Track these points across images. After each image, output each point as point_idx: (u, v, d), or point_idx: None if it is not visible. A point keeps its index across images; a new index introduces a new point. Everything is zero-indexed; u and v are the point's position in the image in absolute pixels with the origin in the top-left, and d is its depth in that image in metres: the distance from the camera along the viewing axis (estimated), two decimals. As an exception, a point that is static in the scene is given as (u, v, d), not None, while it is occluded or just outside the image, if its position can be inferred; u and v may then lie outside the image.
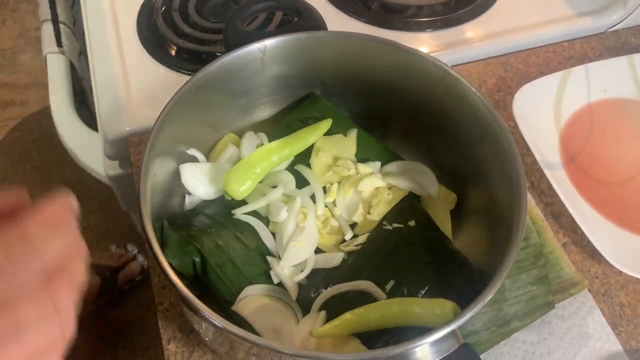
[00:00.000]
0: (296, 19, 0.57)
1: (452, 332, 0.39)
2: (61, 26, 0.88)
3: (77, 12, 0.98)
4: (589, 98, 0.69)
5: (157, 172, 0.48)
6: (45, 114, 1.94)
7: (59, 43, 0.86)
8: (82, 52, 0.94)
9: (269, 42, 0.52)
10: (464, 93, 0.52)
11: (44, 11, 0.88)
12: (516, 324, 0.53)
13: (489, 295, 0.40)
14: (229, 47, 0.53)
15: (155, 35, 0.75)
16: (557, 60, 0.73)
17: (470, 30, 0.76)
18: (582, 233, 0.59)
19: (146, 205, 0.43)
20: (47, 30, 0.86)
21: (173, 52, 0.74)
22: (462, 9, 0.78)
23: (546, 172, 0.61)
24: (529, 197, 0.62)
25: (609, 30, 0.77)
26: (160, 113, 0.48)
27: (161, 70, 0.72)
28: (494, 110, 0.49)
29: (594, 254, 0.58)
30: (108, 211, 1.76)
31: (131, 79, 0.71)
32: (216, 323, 0.38)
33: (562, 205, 0.60)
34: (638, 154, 0.65)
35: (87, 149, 0.75)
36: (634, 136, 0.67)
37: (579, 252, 0.59)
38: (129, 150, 0.64)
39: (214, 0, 0.79)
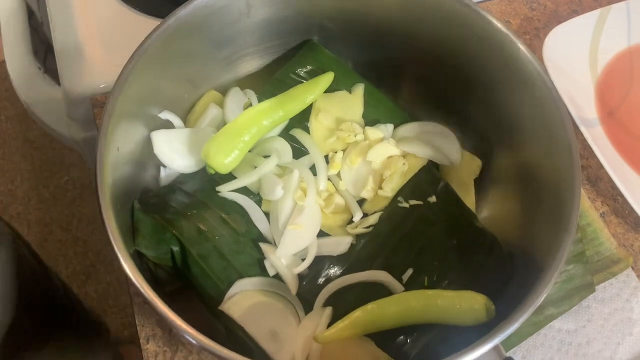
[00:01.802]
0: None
1: (495, 347, 0.31)
2: (14, -38, 0.76)
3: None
4: (629, 41, 0.59)
5: (121, 143, 0.39)
6: (17, 60, 1.80)
7: (12, -19, 0.74)
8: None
9: (255, -22, 0.42)
10: (495, 37, 0.43)
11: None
12: (551, 310, 0.46)
13: (539, 298, 0.32)
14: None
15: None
16: (591, -4, 0.63)
17: (489, -39, 0.65)
18: (624, 201, 0.51)
19: (104, 189, 0.35)
20: (-3, -34, 0.74)
21: (143, -8, 0.63)
22: None
23: (582, 129, 0.52)
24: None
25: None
26: (124, 68, 0.39)
27: (130, 15, 0.61)
28: (535, 59, 0.40)
29: (637, 225, 0.51)
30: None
31: (94, 25, 0.60)
32: (191, 340, 0.31)
33: (600, 168, 0.52)
34: (685, 106, 0.57)
35: (49, 106, 0.66)
36: (680, 85, 0.58)
37: (620, 224, 0.51)
38: (94, 111, 0.55)
39: None
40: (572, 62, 0.57)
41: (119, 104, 0.38)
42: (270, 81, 0.49)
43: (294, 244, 0.41)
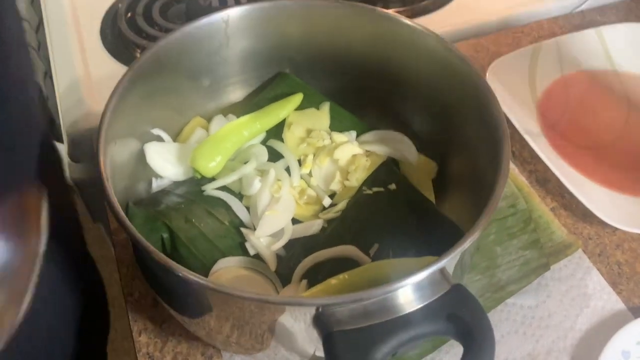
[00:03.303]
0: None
1: (440, 272, 0.36)
2: (25, 46, 0.86)
3: (41, 36, 0.97)
4: (562, 71, 0.68)
5: (117, 153, 0.45)
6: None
7: (23, 61, 0.84)
8: (48, 74, 0.92)
9: (232, 12, 0.50)
10: (446, 59, 0.49)
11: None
12: (511, 287, 0.50)
13: (480, 227, 0.37)
14: (191, 24, 0.51)
15: (119, 39, 0.73)
16: (527, 40, 0.73)
17: (438, 18, 0.76)
18: (570, 197, 0.57)
19: (104, 156, 0.40)
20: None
21: (138, 55, 0.72)
22: (427, -1, 0.78)
23: (526, 137, 0.59)
24: (512, 165, 0.60)
25: (575, 10, 0.78)
26: (115, 89, 0.46)
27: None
28: (480, 76, 0.47)
29: (584, 216, 0.56)
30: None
31: (95, 82, 0.69)
32: (176, 272, 0.35)
33: (547, 171, 0.59)
34: (615, 120, 0.64)
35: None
36: (610, 105, 0.66)
37: (569, 216, 0.56)
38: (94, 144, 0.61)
39: (177, 5, 0.78)
40: (513, 88, 0.65)
41: (114, 122, 0.44)
42: (249, 106, 0.56)
43: (271, 225, 0.46)
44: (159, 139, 0.51)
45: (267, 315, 0.36)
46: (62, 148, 0.68)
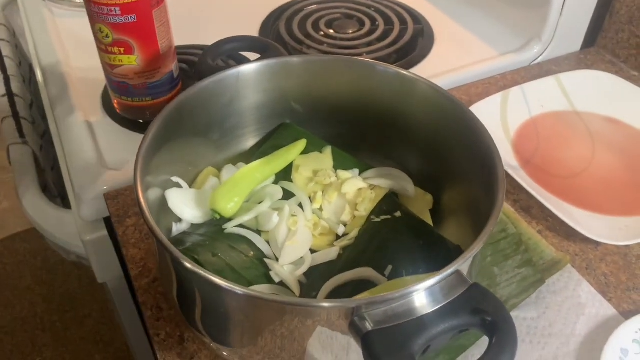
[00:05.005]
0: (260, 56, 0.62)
1: (456, 274, 0.39)
2: (22, 121, 0.90)
3: (34, 112, 1.01)
4: (530, 113, 0.76)
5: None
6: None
7: (22, 135, 0.87)
8: (43, 147, 0.95)
9: (243, 68, 0.56)
10: (436, 99, 0.55)
11: (4, 109, 0.91)
12: (513, 301, 0.54)
13: (487, 233, 0.42)
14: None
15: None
16: (495, 89, 0.81)
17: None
18: (553, 220, 0.63)
19: (143, 197, 0.44)
20: (9, 125, 0.88)
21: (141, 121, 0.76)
22: (402, 59, 0.87)
23: (508, 170, 0.65)
24: (498, 196, 0.66)
25: (533, 63, 0.87)
26: (142, 142, 0.49)
27: (133, 136, 0.74)
28: (468, 109, 0.53)
29: (568, 236, 0.61)
30: (64, 342, 1.68)
31: (103, 147, 0.72)
32: (220, 285, 0.38)
33: (530, 199, 0.65)
34: (583, 152, 0.72)
35: (57, 225, 0.75)
36: (576, 140, 0.73)
37: (555, 236, 0.62)
38: (107, 202, 0.64)
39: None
40: (488, 130, 0.72)
41: (142, 176, 0.48)
42: (255, 155, 0.61)
43: (292, 254, 0.50)
44: (178, 185, 0.55)
45: (307, 324, 0.39)
46: (72, 213, 0.71)
